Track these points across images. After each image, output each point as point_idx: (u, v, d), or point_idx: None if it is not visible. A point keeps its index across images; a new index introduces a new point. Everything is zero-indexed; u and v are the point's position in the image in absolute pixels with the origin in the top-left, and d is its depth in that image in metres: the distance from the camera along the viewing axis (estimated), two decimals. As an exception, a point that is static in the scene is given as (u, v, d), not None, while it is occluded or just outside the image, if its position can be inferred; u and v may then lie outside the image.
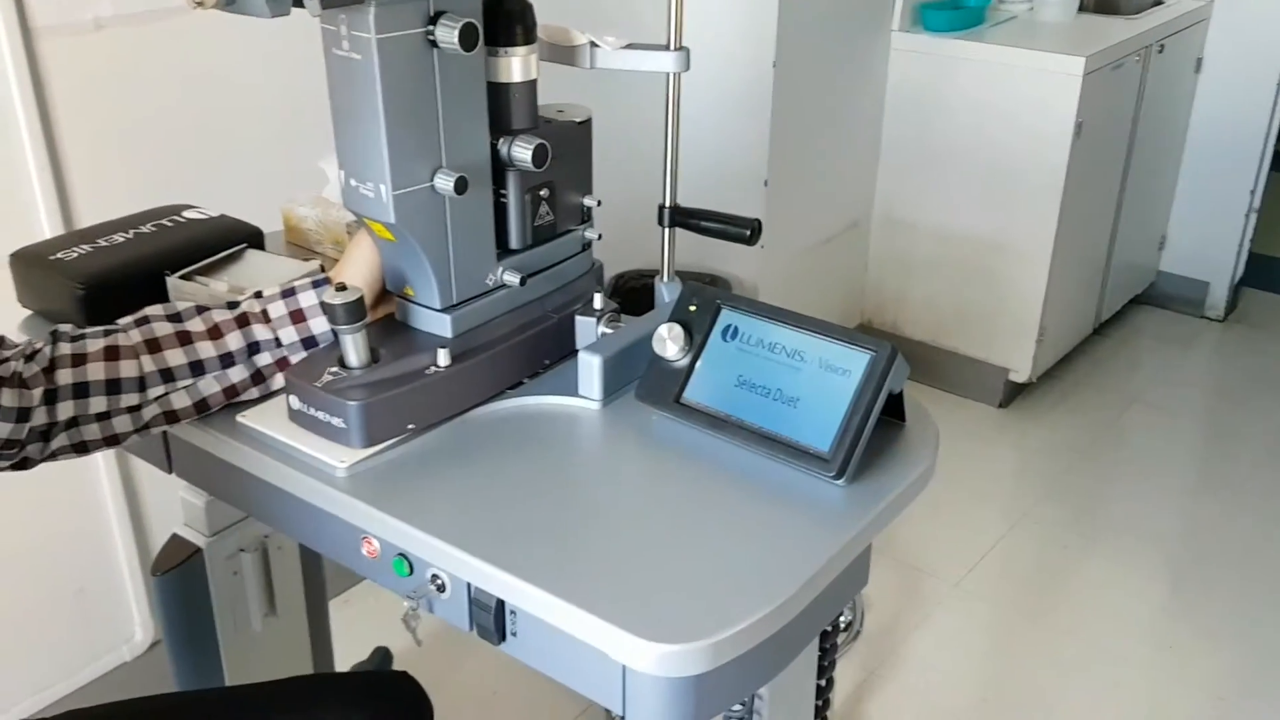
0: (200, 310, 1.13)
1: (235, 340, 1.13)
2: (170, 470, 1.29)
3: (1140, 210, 3.36)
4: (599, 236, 1.28)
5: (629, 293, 2.57)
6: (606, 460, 1.14)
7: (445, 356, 1.12)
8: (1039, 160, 2.83)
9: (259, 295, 1.16)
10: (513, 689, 2.13)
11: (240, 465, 1.13)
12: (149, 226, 1.38)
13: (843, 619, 2.23)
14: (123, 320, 1.10)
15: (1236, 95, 3.37)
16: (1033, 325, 2.99)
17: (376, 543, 1.07)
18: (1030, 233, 2.90)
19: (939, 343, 3.17)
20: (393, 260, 1.16)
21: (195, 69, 1.83)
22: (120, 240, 1.34)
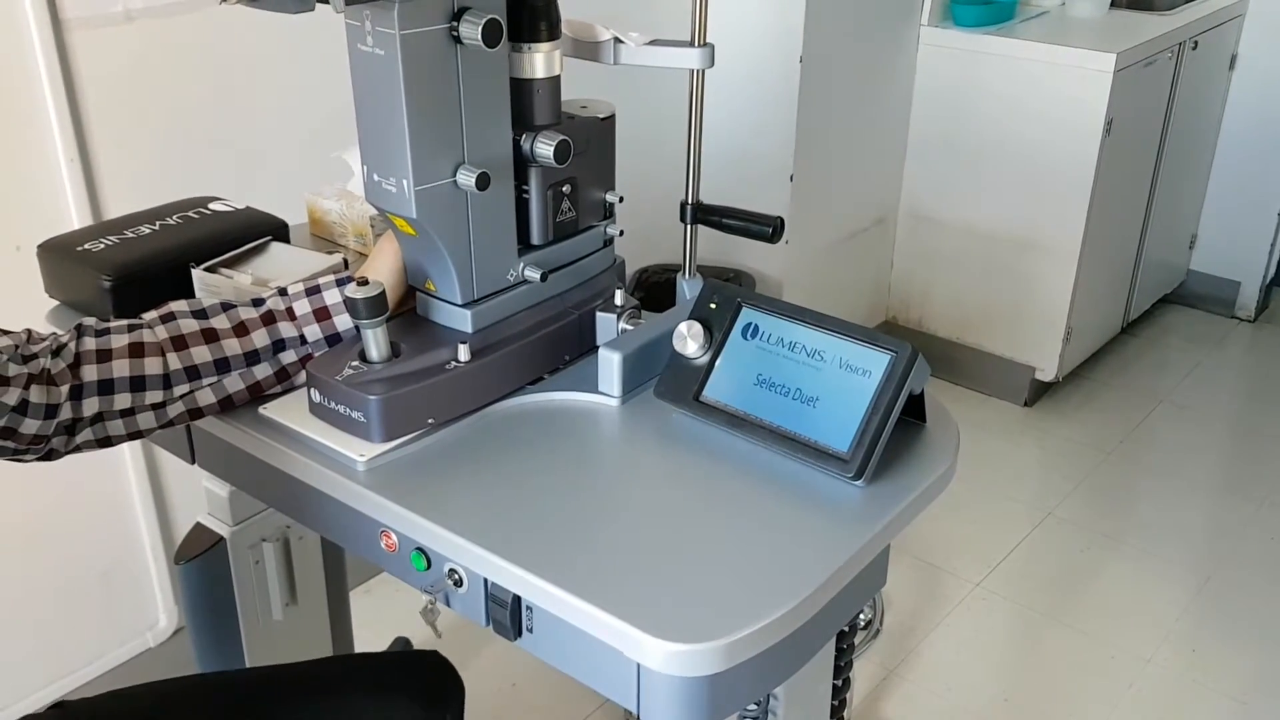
0: (225, 307, 1.13)
1: (261, 338, 1.13)
2: (193, 461, 1.30)
3: (1171, 208, 3.33)
4: (620, 232, 1.28)
5: (652, 287, 2.57)
6: (624, 458, 1.14)
7: (465, 352, 1.13)
8: (1068, 157, 2.80)
9: (283, 292, 1.17)
10: (532, 682, 2.14)
11: (261, 458, 1.14)
12: (175, 218, 1.39)
13: (862, 617, 2.23)
14: (148, 315, 1.11)
15: (1271, 93, 3.32)
16: (1060, 324, 2.96)
17: (395, 536, 1.07)
18: (1058, 230, 2.88)
19: (964, 340, 3.15)
20: (414, 255, 1.16)
21: (224, 62, 1.84)
22: (147, 232, 1.35)
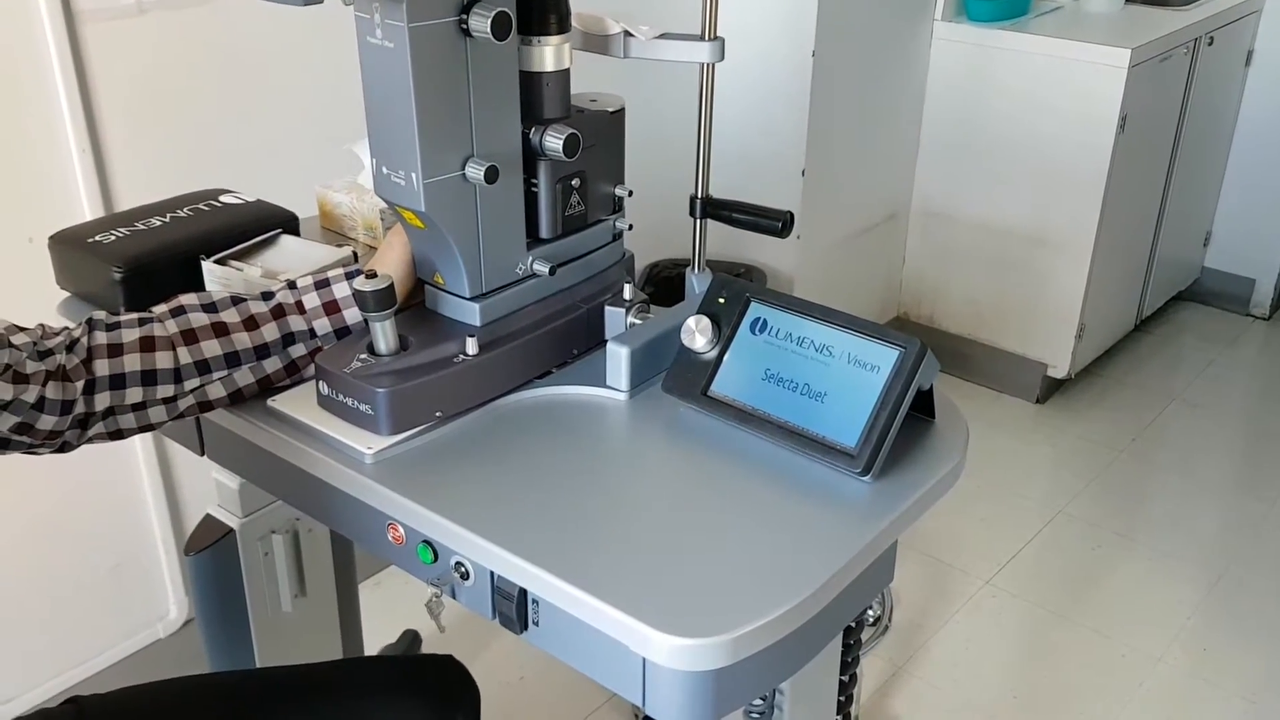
0: (235, 300, 1.13)
1: (271, 332, 1.13)
2: (202, 453, 1.31)
3: (1185, 205, 3.31)
4: (630, 226, 1.28)
5: (663, 282, 2.56)
6: (632, 452, 1.14)
7: (473, 345, 1.13)
8: (1082, 153, 2.79)
9: (292, 285, 1.17)
10: (540, 676, 2.15)
11: (269, 449, 1.14)
12: (186, 210, 1.39)
13: (871, 614, 2.22)
14: (158, 309, 1.11)
15: (1288, 89, 3.31)
16: (1072, 321, 2.95)
17: (402, 529, 1.07)
18: (1072, 227, 2.86)
19: (977, 336, 3.14)
20: (423, 248, 1.16)
21: (235, 54, 1.85)
22: (158, 224, 1.36)
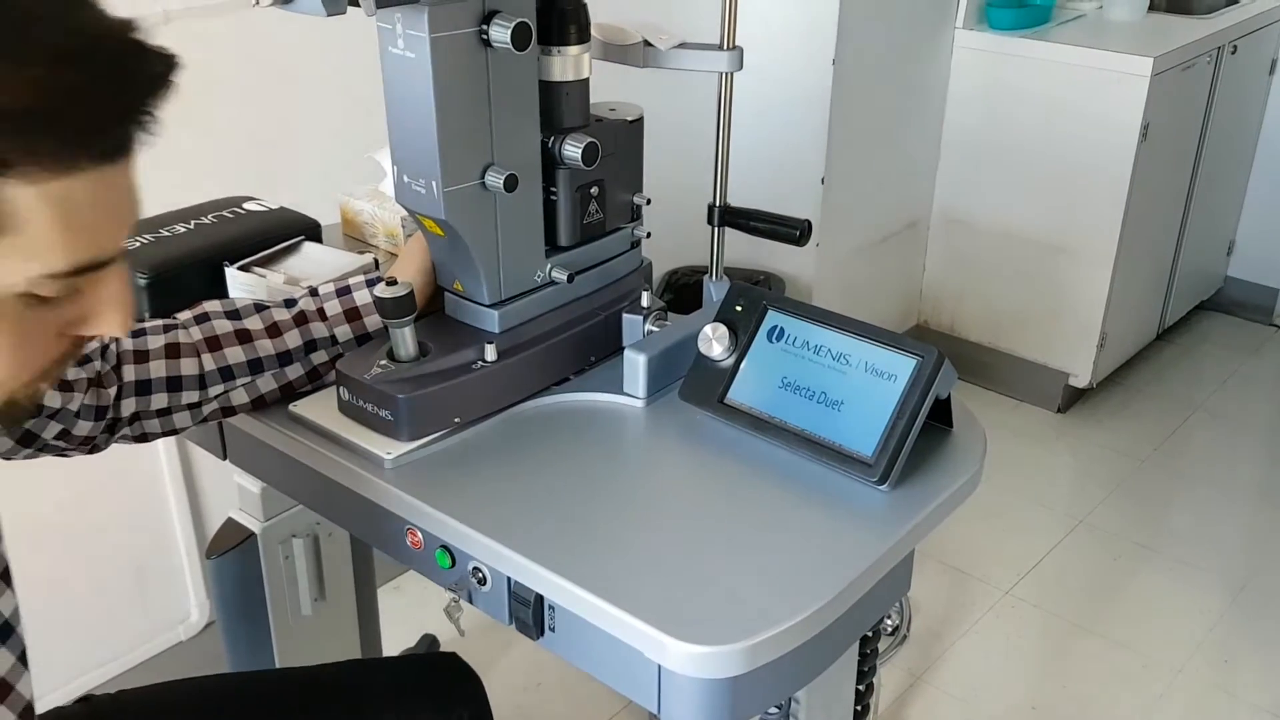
0: (259, 307, 1.15)
1: (293, 338, 1.15)
2: (224, 457, 1.32)
3: (1208, 214, 3.29)
4: (648, 234, 1.28)
5: (681, 289, 2.57)
6: (649, 459, 1.14)
7: (492, 352, 1.14)
8: (1104, 162, 2.77)
9: (314, 292, 1.18)
10: (558, 682, 2.15)
11: (290, 454, 1.16)
12: (210, 218, 1.41)
13: (889, 622, 2.22)
14: (182, 316, 1.13)
15: (1312, 98, 3.29)
16: (1094, 330, 2.93)
17: (420, 534, 1.08)
18: (1093, 235, 2.85)
19: (997, 345, 3.13)
20: (442, 255, 1.17)
21: (259, 63, 1.86)
22: (182, 231, 1.37)
